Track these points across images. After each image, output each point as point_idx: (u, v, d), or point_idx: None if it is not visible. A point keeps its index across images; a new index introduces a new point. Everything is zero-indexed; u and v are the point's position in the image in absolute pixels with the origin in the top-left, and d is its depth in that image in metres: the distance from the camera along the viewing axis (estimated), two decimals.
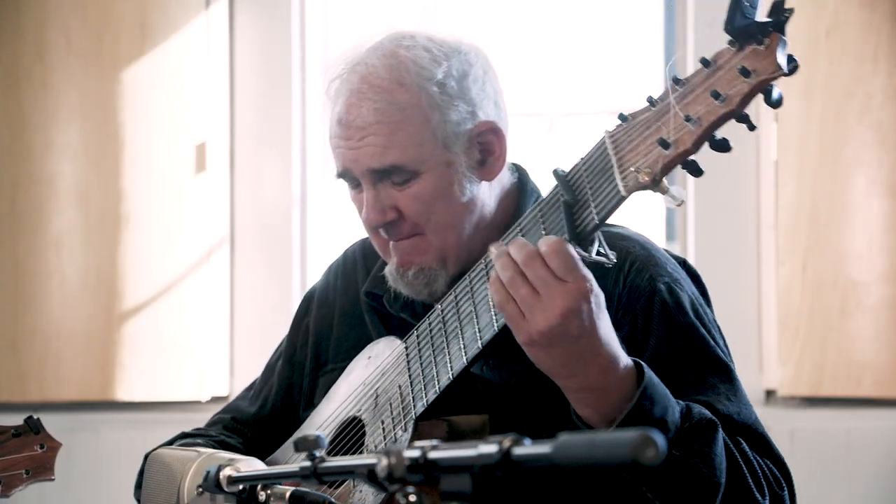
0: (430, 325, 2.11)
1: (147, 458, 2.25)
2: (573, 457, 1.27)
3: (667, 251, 2.22)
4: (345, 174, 2.19)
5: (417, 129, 2.13)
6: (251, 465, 1.84)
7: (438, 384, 2.06)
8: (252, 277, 4.55)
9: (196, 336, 4.50)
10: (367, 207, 2.16)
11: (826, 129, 4.06)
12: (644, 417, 1.91)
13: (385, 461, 1.43)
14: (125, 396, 4.47)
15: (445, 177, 2.15)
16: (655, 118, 1.83)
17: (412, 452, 1.42)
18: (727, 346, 2.16)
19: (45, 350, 4.47)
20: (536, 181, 2.29)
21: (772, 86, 1.77)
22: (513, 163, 2.27)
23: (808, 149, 4.08)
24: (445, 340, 2.07)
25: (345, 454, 2.20)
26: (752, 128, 1.80)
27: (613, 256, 1.91)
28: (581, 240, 1.89)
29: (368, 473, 1.48)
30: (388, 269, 2.22)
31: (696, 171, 1.82)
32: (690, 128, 1.79)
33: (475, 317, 2.02)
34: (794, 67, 1.76)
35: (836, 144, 4.06)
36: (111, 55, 4.49)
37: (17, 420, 2.52)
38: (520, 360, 1.95)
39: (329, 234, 4.59)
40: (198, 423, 2.49)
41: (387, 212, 2.16)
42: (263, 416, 2.44)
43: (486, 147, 2.18)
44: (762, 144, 4.18)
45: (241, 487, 1.78)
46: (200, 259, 4.52)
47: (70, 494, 4.44)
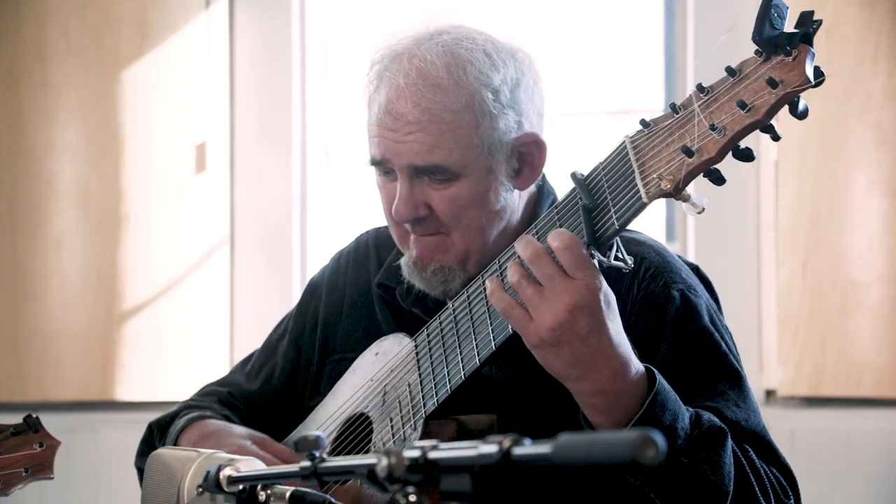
0: (442, 325, 2.10)
1: (148, 452, 2.24)
2: (573, 457, 1.27)
3: (680, 257, 2.22)
4: (381, 162, 2.17)
5: (466, 133, 2.11)
6: (251, 465, 1.84)
7: (450, 384, 2.05)
8: (252, 277, 4.55)
9: (196, 336, 4.50)
10: (400, 200, 2.14)
11: (826, 129, 4.06)
12: (654, 424, 1.90)
13: (385, 461, 1.42)
14: (125, 396, 4.47)
15: (484, 183, 2.13)
16: (678, 125, 1.82)
17: (412, 452, 1.42)
18: (738, 353, 2.15)
19: (45, 350, 4.47)
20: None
21: (798, 97, 1.76)
22: None
23: (808, 149, 4.08)
24: (457, 340, 2.06)
25: (351, 451, 2.20)
26: (777, 138, 1.80)
27: (631, 261, 1.91)
28: (600, 245, 1.88)
29: (368, 473, 1.48)
30: (405, 261, 2.21)
31: (719, 180, 1.81)
32: (715, 136, 1.78)
33: (489, 317, 2.02)
34: (822, 80, 1.75)
35: (836, 144, 4.06)
36: (111, 55, 4.49)
37: (17, 420, 2.52)
38: (529, 360, 1.95)
39: (329, 234, 4.59)
40: None
41: (419, 207, 2.14)
42: (264, 395, 2.42)
43: (526, 158, 2.17)
44: (762, 144, 4.18)
45: (241, 487, 1.77)
46: (200, 259, 4.52)
47: (70, 494, 4.44)
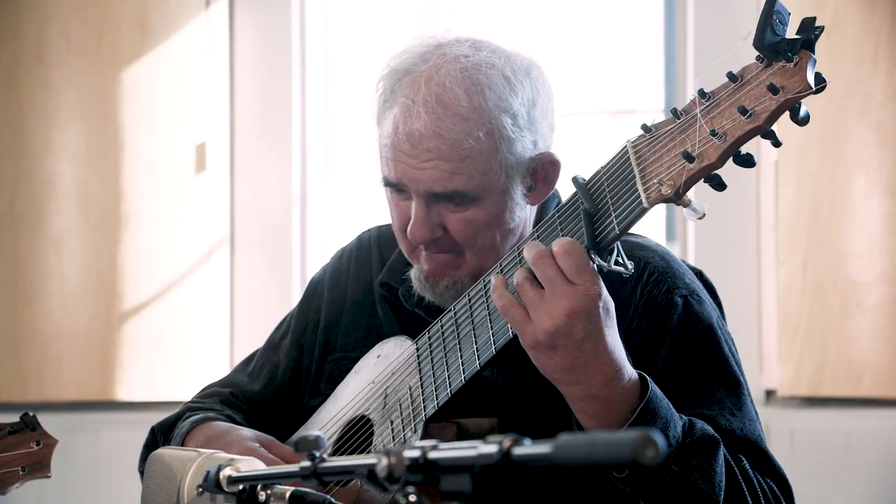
0: (443, 328, 2.10)
1: (146, 455, 2.24)
2: (573, 457, 1.27)
3: (684, 262, 2.22)
4: (396, 185, 2.14)
5: (486, 159, 2.09)
6: (251, 465, 1.84)
7: (450, 387, 2.05)
8: (252, 277, 4.55)
9: (196, 336, 4.50)
10: (416, 224, 2.12)
11: (826, 129, 4.06)
12: None
13: (385, 461, 1.42)
14: (125, 396, 4.47)
15: (500, 204, 2.13)
16: (679, 130, 1.82)
17: (412, 452, 1.42)
18: (739, 360, 2.15)
19: (45, 350, 4.47)
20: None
21: (800, 104, 1.76)
22: None
23: (808, 149, 4.08)
24: (458, 343, 2.06)
25: (352, 453, 2.20)
26: (777, 144, 1.80)
27: (631, 266, 1.90)
28: (600, 249, 1.88)
29: (368, 474, 1.48)
30: (415, 274, 2.20)
31: (720, 186, 1.80)
32: (716, 142, 1.78)
33: (489, 321, 2.02)
34: (823, 86, 1.75)
35: (836, 144, 4.06)
36: (111, 55, 4.49)
37: (16, 420, 2.52)
38: (529, 364, 1.95)
39: (329, 234, 4.59)
40: None
41: (435, 230, 2.13)
42: (267, 395, 2.41)
43: (539, 174, 2.16)
44: (762, 144, 4.17)
45: (241, 487, 1.77)
46: (200, 259, 4.52)
47: (70, 494, 4.44)
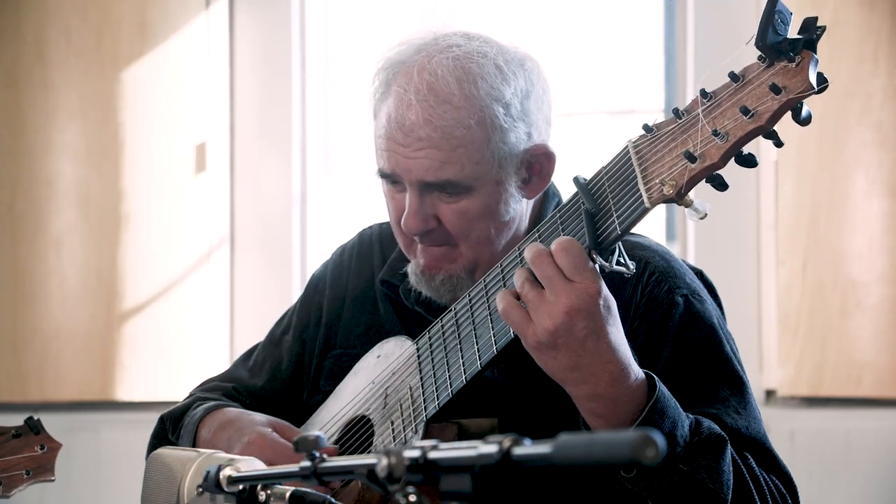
0: (444, 328, 2.10)
1: (155, 444, 2.24)
2: (573, 457, 1.27)
3: (685, 262, 2.22)
4: (391, 175, 2.16)
5: (477, 148, 2.10)
6: (251, 465, 1.84)
7: (451, 387, 2.05)
8: (252, 277, 4.55)
9: (196, 336, 4.50)
10: (409, 214, 2.13)
11: (826, 129, 4.06)
12: None
13: (385, 461, 1.42)
14: (125, 396, 4.47)
15: (494, 196, 2.13)
16: (681, 130, 1.81)
17: (412, 452, 1.42)
18: (741, 360, 2.15)
19: (45, 350, 4.47)
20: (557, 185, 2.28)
21: (802, 104, 1.76)
22: None
23: (808, 149, 4.08)
24: (459, 343, 2.06)
25: (352, 453, 2.20)
26: (780, 144, 1.80)
27: (633, 266, 1.90)
28: (602, 250, 1.88)
29: (368, 473, 1.48)
30: (412, 269, 2.21)
31: (721, 186, 1.80)
32: (718, 142, 1.78)
33: (490, 321, 2.01)
34: (825, 86, 1.75)
35: (836, 144, 4.06)
36: (111, 55, 4.49)
37: (18, 420, 2.52)
38: (531, 364, 1.94)
39: (329, 234, 4.59)
40: None
41: (428, 221, 2.14)
42: (270, 390, 2.41)
43: (535, 167, 2.16)
44: (762, 144, 4.17)
45: (241, 487, 1.77)
46: (200, 259, 4.52)
47: (70, 494, 4.44)
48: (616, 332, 1.89)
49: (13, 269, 4.49)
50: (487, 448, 1.34)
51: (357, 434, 2.21)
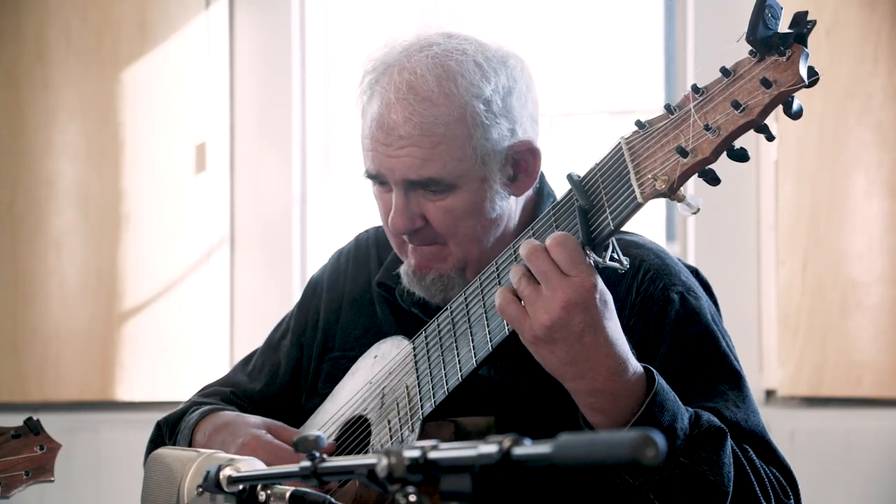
0: (439, 326, 2.10)
1: (152, 449, 2.24)
2: (573, 457, 1.27)
3: (679, 259, 2.22)
4: (376, 176, 2.17)
5: (459, 145, 2.10)
6: (251, 465, 1.84)
7: (447, 385, 2.05)
8: (252, 277, 4.55)
9: (196, 336, 4.50)
10: (396, 213, 2.14)
11: (826, 129, 4.06)
12: (653, 425, 1.90)
13: (385, 461, 1.42)
14: (125, 396, 4.47)
15: (479, 193, 2.13)
16: (673, 126, 1.82)
17: (412, 452, 1.42)
18: (737, 355, 2.15)
19: (45, 350, 4.47)
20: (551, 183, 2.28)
21: (792, 97, 1.76)
22: None
23: (808, 149, 4.08)
24: (455, 342, 2.06)
25: (349, 453, 2.20)
26: (771, 138, 1.80)
27: (626, 262, 1.90)
28: (595, 245, 1.88)
29: (368, 473, 1.48)
30: (404, 269, 2.21)
31: (714, 180, 1.81)
32: (709, 136, 1.78)
33: (485, 319, 2.02)
34: (815, 80, 1.76)
35: (836, 144, 4.06)
36: (111, 55, 4.49)
37: (17, 420, 2.52)
38: (527, 362, 1.95)
39: (329, 234, 4.59)
40: None
41: (415, 219, 2.14)
42: (268, 395, 2.42)
43: (521, 164, 2.17)
44: (762, 144, 4.18)
45: (241, 487, 1.77)
46: (200, 259, 4.52)
47: (70, 494, 4.44)
48: (613, 326, 1.90)
49: (13, 269, 4.49)
50: (487, 448, 1.34)
51: (354, 434, 2.21)
